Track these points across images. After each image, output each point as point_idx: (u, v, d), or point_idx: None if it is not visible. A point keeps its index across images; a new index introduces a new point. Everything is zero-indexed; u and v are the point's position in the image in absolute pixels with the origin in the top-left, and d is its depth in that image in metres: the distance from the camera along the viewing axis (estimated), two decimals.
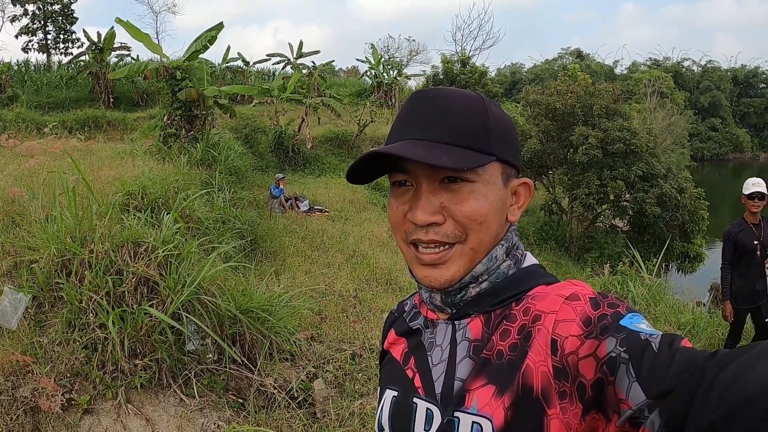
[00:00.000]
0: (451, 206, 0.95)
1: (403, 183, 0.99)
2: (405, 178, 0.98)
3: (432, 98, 0.98)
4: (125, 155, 10.03)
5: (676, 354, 0.74)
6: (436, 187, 0.96)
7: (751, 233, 5.78)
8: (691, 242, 17.19)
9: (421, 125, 0.96)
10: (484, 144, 0.95)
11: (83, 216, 5.12)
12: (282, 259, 9.16)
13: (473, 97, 1.00)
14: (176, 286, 4.60)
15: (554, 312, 0.90)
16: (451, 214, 0.95)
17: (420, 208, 0.95)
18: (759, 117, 64.45)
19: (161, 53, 12.91)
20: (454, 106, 0.97)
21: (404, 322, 1.16)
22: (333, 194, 17.13)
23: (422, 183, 0.96)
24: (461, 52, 38.49)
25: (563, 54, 65.93)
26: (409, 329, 1.13)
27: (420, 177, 0.96)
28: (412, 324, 1.13)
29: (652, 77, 45.11)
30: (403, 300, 1.27)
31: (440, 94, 0.98)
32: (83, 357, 4.15)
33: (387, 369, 1.16)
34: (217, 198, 8.32)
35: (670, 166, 17.47)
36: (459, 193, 0.95)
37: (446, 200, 0.95)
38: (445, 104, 0.97)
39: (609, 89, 17.88)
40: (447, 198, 0.95)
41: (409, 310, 1.19)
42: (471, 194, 0.95)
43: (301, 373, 5.10)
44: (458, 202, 0.95)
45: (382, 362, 1.21)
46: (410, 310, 1.18)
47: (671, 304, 8.43)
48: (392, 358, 1.14)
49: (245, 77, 33.62)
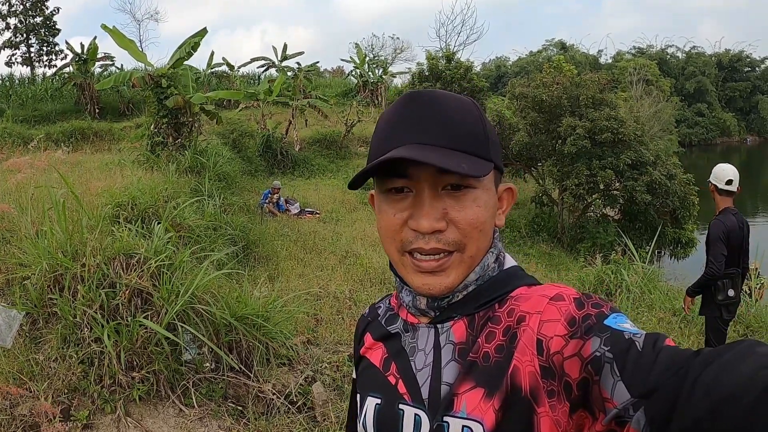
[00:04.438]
0: (454, 213, 0.94)
1: (400, 189, 0.96)
2: (405, 184, 0.95)
3: (429, 102, 0.96)
4: (113, 166, 10.01)
5: (660, 353, 0.74)
6: (439, 194, 0.94)
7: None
8: (683, 228, 17.28)
9: (423, 129, 0.94)
10: (484, 150, 0.95)
11: (74, 230, 5.09)
12: (275, 263, 9.13)
13: (469, 102, 0.99)
14: (170, 297, 4.57)
15: (539, 312, 0.90)
16: (453, 221, 0.94)
17: (425, 216, 0.93)
18: (745, 101, 64.87)
19: (146, 61, 12.87)
20: (454, 111, 0.96)
21: (380, 326, 1.14)
22: (323, 196, 17.13)
23: (424, 189, 0.93)
24: (446, 48, 38.50)
25: (547, 46, 66.13)
26: (387, 333, 1.11)
27: (422, 183, 0.93)
28: (389, 328, 1.11)
29: (637, 65, 45.36)
30: (374, 303, 1.25)
31: (436, 98, 0.97)
32: (80, 372, 4.12)
33: (366, 375, 1.13)
34: (207, 205, 8.31)
35: (659, 153, 17.55)
36: (462, 200, 0.94)
37: (449, 207, 0.94)
38: (444, 109, 0.95)
39: (595, 79, 17.91)
40: (450, 205, 0.94)
41: (383, 313, 1.17)
42: (474, 201, 0.95)
43: (299, 377, 5.09)
44: (461, 209, 0.94)
45: (358, 368, 1.18)
46: (385, 314, 1.16)
47: (665, 290, 8.49)
48: (371, 364, 1.12)
49: (230, 82, 33.54)
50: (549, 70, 20.40)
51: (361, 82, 36.15)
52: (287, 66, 35.66)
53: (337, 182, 19.50)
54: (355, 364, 1.22)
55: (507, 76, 56.17)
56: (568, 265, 13.55)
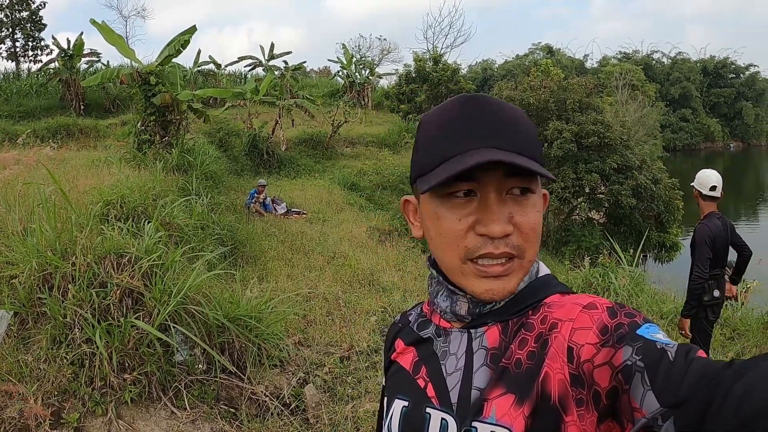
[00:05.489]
0: (519, 217, 0.94)
1: (468, 193, 0.94)
2: (472, 188, 0.93)
3: (492, 107, 0.96)
4: (100, 163, 9.91)
5: (691, 364, 0.73)
6: (503, 198, 0.93)
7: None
8: (667, 232, 17.44)
9: (496, 133, 0.93)
10: (540, 156, 0.96)
11: (63, 228, 5.02)
12: (263, 264, 9.07)
13: (519, 108, 1.01)
14: (162, 297, 4.52)
15: (571, 320, 0.90)
16: (518, 225, 0.93)
17: (495, 220, 0.91)
18: (729, 107, 65.76)
19: (134, 58, 12.73)
20: (517, 116, 0.96)
21: (412, 332, 1.13)
22: (309, 196, 17.07)
23: (491, 193, 0.92)
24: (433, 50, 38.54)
25: (534, 49, 66.53)
26: (419, 338, 1.10)
27: (489, 186, 0.92)
28: (422, 333, 1.11)
29: (623, 70, 45.67)
30: (405, 311, 1.24)
31: (497, 103, 0.97)
32: (70, 374, 4.05)
33: (395, 379, 1.12)
34: (195, 204, 8.23)
35: (645, 158, 17.71)
36: (525, 204, 0.94)
37: (514, 211, 0.93)
38: (508, 114, 0.96)
39: (582, 83, 18.06)
40: (514, 209, 0.94)
41: (414, 319, 1.16)
42: (534, 206, 0.95)
43: (291, 379, 5.06)
44: (525, 213, 0.94)
45: (388, 373, 1.17)
46: (416, 320, 1.16)
47: (652, 293, 8.54)
48: (401, 368, 1.11)
49: (217, 80, 33.42)
50: (536, 73, 20.51)
51: (347, 82, 36.19)
52: (274, 65, 35.64)
53: (323, 182, 19.44)
54: (385, 369, 1.21)
55: (493, 78, 56.51)
56: (554, 268, 13.58)
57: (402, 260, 10.61)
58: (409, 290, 8.50)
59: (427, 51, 38.52)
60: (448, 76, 29.10)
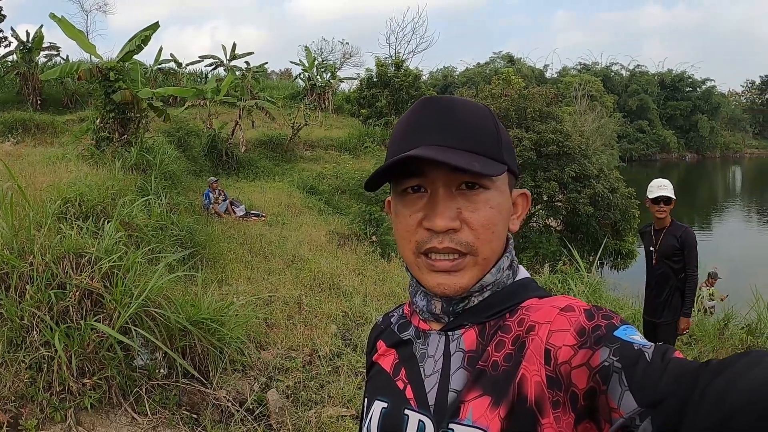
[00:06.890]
0: (468, 213, 0.95)
1: (416, 189, 0.97)
2: (420, 183, 0.96)
3: (446, 106, 0.98)
4: (57, 160, 9.69)
5: (669, 364, 0.74)
6: (453, 193, 0.95)
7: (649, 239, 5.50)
8: (623, 240, 17.77)
9: (440, 131, 0.95)
10: (497, 153, 0.97)
11: (20, 226, 4.88)
12: (222, 266, 8.94)
13: (483, 108, 1.01)
14: (123, 299, 4.42)
15: (549, 322, 0.90)
16: (466, 221, 0.94)
17: (439, 214, 0.93)
18: (685, 119, 67.68)
19: (95, 53, 12.45)
20: (470, 114, 0.97)
21: (394, 333, 1.14)
22: (269, 198, 16.97)
23: (439, 188, 0.94)
24: (395, 56, 38.68)
25: (495, 58, 67.37)
26: (400, 340, 1.11)
27: (437, 182, 0.95)
28: (402, 335, 1.12)
29: (582, 81, 46.54)
30: (388, 312, 1.25)
31: (453, 102, 0.99)
32: (28, 378, 3.92)
33: (375, 380, 1.14)
34: (155, 204, 8.09)
35: (602, 167, 18.03)
36: (476, 200, 0.95)
37: (463, 207, 0.95)
38: (460, 112, 0.97)
39: (542, 93, 18.31)
40: (464, 204, 0.95)
41: (396, 321, 1.17)
42: (487, 202, 0.95)
43: (254, 384, 4.99)
44: (475, 209, 0.95)
45: (369, 374, 1.19)
46: (398, 321, 1.17)
47: (611, 300, 8.69)
48: (381, 369, 1.12)
49: (177, 79, 32.97)
50: (498, 81, 20.72)
51: (308, 85, 36.04)
52: (236, 66, 35.35)
53: (282, 185, 19.33)
54: (367, 371, 1.23)
55: (454, 85, 57.09)
56: None
57: (362, 264, 10.59)
58: (369, 294, 8.48)
59: (390, 56, 38.69)
60: (409, 81, 29.26)
